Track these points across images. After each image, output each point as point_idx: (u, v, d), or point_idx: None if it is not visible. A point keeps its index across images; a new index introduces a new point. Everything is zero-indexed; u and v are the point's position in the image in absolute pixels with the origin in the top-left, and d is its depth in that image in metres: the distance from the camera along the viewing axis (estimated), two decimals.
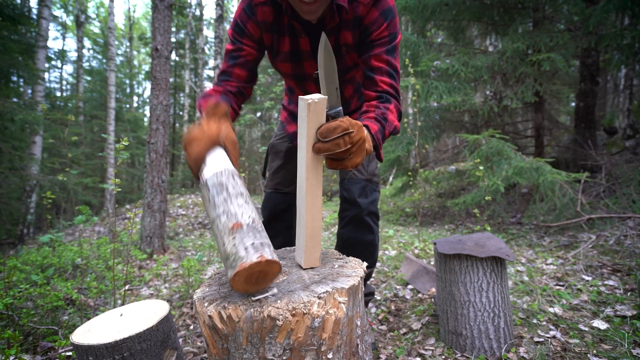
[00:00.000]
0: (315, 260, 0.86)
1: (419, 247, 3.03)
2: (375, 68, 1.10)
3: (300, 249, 0.86)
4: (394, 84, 1.11)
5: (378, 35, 1.09)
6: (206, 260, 3.19)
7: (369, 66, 1.12)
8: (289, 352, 0.66)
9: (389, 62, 1.10)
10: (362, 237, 1.36)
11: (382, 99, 1.09)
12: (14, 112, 4.57)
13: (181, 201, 7.21)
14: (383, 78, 1.10)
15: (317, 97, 0.78)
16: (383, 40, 1.09)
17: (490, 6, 4.54)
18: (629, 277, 2.05)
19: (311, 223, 0.83)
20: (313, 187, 0.83)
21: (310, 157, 0.81)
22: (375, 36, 1.09)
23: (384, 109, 1.06)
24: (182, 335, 1.79)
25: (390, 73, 1.10)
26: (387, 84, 1.10)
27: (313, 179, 0.82)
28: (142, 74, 21.22)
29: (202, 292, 0.77)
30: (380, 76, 1.10)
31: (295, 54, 1.18)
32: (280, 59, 1.21)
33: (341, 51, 1.17)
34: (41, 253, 2.77)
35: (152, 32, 3.74)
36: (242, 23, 1.14)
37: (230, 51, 1.17)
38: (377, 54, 1.10)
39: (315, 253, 0.86)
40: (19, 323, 1.63)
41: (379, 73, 1.10)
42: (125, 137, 1.71)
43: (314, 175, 0.82)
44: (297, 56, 1.19)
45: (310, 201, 0.83)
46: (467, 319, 1.43)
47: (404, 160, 5.57)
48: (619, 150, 5.24)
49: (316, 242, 0.85)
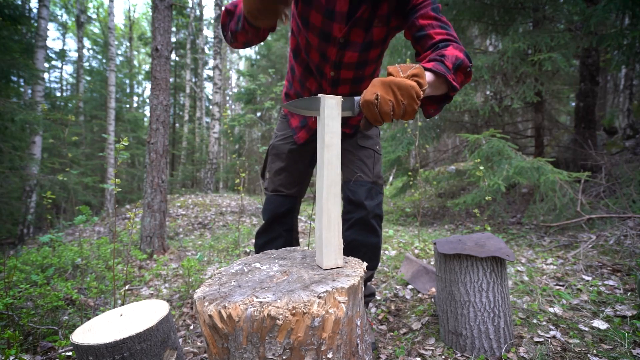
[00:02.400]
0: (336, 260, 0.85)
1: (419, 247, 3.03)
2: (425, 25, 1.06)
3: (320, 250, 0.85)
4: (450, 32, 1.05)
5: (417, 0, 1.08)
6: (206, 260, 3.19)
7: (418, 27, 1.08)
8: (289, 351, 0.66)
9: (437, 18, 1.07)
10: (367, 240, 1.34)
11: (437, 47, 1.02)
12: (14, 112, 4.57)
13: (181, 201, 7.21)
14: (436, 30, 1.05)
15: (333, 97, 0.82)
16: (426, 2, 1.08)
17: (490, 6, 4.54)
18: (629, 277, 2.05)
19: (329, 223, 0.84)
20: (333, 186, 0.84)
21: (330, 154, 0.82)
22: (416, 1, 1.08)
23: (440, 50, 1.00)
24: (182, 335, 1.79)
25: (442, 26, 1.06)
26: (442, 34, 1.04)
27: (334, 178, 0.83)
28: (142, 74, 21.22)
29: (203, 291, 0.77)
30: (433, 29, 1.05)
31: (329, 12, 1.13)
32: (316, 8, 1.14)
33: (373, 23, 1.14)
34: (41, 253, 2.77)
35: (152, 32, 3.74)
36: None
37: None
38: (423, 14, 1.07)
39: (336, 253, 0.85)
40: (19, 323, 1.63)
41: (430, 28, 1.06)
42: (125, 137, 1.71)
43: (335, 175, 0.83)
44: (329, 15, 1.14)
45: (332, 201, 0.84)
46: (467, 319, 1.43)
47: (404, 160, 5.58)
48: (619, 150, 5.24)
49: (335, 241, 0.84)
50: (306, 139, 1.42)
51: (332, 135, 0.82)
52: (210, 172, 10.12)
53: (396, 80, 0.82)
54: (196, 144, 15.67)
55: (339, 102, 0.83)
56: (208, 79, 18.75)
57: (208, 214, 6.29)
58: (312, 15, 1.15)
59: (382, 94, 0.81)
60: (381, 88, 0.82)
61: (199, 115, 16.02)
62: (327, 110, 0.81)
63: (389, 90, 0.82)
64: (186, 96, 16.08)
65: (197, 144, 15.64)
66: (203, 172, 12.72)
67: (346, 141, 1.43)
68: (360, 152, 1.40)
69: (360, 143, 1.41)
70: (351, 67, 1.24)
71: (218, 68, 10.25)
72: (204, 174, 11.76)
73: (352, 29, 1.15)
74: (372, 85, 0.83)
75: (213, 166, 10.15)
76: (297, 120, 1.43)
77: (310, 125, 1.40)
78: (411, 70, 0.85)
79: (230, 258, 3.24)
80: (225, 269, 0.92)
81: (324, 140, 0.82)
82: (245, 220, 5.59)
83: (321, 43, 1.20)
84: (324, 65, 1.24)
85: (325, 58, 1.22)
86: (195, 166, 14.98)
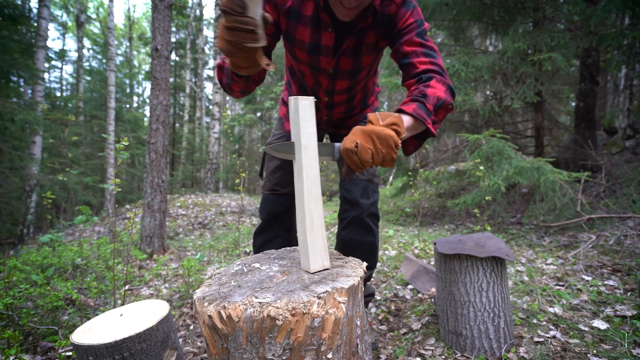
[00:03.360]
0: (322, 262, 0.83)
1: (419, 247, 3.03)
2: (409, 52, 1.07)
3: (305, 254, 0.83)
4: (434, 60, 1.06)
5: (404, 23, 1.07)
6: (206, 260, 3.19)
7: (402, 54, 1.08)
8: (288, 352, 0.66)
9: (422, 44, 1.07)
10: (363, 239, 1.35)
11: (421, 80, 1.03)
12: (14, 112, 4.57)
13: (181, 201, 7.21)
14: (420, 59, 1.05)
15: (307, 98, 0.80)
16: (411, 27, 1.08)
17: (490, 6, 4.54)
18: (629, 277, 2.05)
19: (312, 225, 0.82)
20: (314, 188, 0.82)
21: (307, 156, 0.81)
22: (401, 25, 1.08)
23: (422, 87, 1.00)
24: (182, 335, 1.79)
25: (427, 53, 1.06)
26: (426, 63, 1.05)
27: (313, 179, 0.82)
28: (142, 74, 21.22)
29: (202, 292, 0.77)
30: (417, 58, 1.06)
31: (315, 46, 1.14)
32: (300, 47, 1.16)
33: (361, 51, 1.15)
34: (41, 253, 2.77)
35: (152, 32, 3.74)
36: None
37: None
38: (407, 40, 1.07)
39: (321, 255, 0.83)
40: (19, 323, 1.63)
41: (414, 56, 1.06)
42: (125, 137, 1.71)
43: (314, 175, 0.82)
44: (316, 49, 1.15)
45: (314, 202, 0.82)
46: (467, 319, 1.43)
47: (404, 160, 5.58)
48: (619, 150, 5.24)
49: (320, 243, 0.83)
50: None
51: (308, 136, 0.81)
52: (210, 172, 10.12)
53: (376, 130, 0.84)
54: (196, 144, 15.68)
55: (312, 102, 0.82)
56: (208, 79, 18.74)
57: (208, 214, 6.30)
58: (298, 52, 1.18)
59: (362, 143, 0.83)
60: (361, 137, 0.84)
61: (199, 115, 16.03)
62: (301, 112, 0.80)
63: (368, 139, 0.84)
64: (186, 96, 16.09)
65: (197, 144, 15.65)
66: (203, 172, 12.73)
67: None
68: None
69: None
70: (343, 92, 1.28)
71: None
72: (204, 174, 11.76)
73: (341, 58, 1.17)
74: (352, 134, 0.86)
75: (213, 166, 10.15)
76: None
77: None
78: (390, 119, 0.87)
79: (230, 258, 3.24)
80: (225, 269, 0.92)
81: (301, 143, 0.80)
82: (245, 220, 5.59)
83: (313, 73, 1.23)
84: (318, 89, 1.28)
85: (319, 84, 1.26)
86: (195, 166, 14.99)
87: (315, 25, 1.11)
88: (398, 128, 0.87)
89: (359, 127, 0.86)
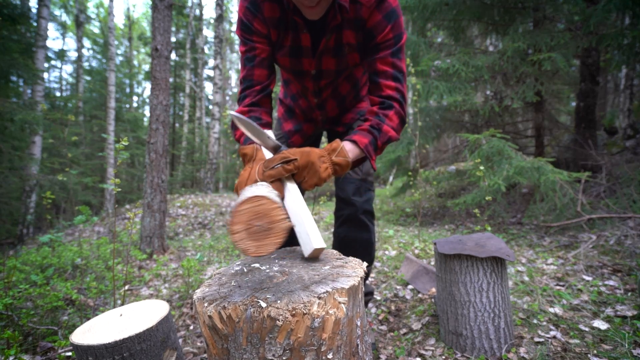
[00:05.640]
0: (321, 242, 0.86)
1: (419, 247, 3.03)
2: (380, 72, 1.09)
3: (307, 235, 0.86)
4: (399, 87, 1.10)
5: (383, 38, 1.07)
6: (206, 260, 3.19)
7: (374, 70, 1.11)
8: (289, 352, 0.66)
9: (395, 65, 1.09)
10: (358, 236, 1.36)
11: (383, 105, 1.09)
12: (14, 112, 4.57)
13: (181, 201, 7.20)
14: (388, 82, 1.09)
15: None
16: (388, 43, 1.08)
17: (490, 6, 4.54)
18: (630, 277, 2.05)
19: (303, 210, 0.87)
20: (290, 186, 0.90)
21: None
22: (380, 39, 1.08)
23: (382, 116, 1.07)
24: (182, 335, 1.79)
25: (396, 76, 1.09)
26: (392, 88, 1.09)
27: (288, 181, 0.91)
28: (142, 74, 21.22)
29: (202, 292, 0.77)
30: (385, 80, 1.09)
31: (296, 49, 1.17)
32: (282, 53, 1.19)
33: (343, 50, 1.16)
34: (41, 253, 2.76)
35: (152, 32, 3.74)
36: (248, 21, 1.13)
37: (244, 52, 1.17)
38: (382, 57, 1.09)
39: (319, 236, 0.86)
40: (18, 323, 1.63)
41: (383, 77, 1.09)
42: (125, 137, 1.71)
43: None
44: (297, 51, 1.18)
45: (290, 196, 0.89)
46: (468, 319, 1.42)
47: (404, 160, 5.58)
48: (619, 150, 5.24)
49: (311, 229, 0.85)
50: (301, 144, 1.46)
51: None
52: (210, 172, 10.12)
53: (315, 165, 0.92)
54: (196, 144, 15.67)
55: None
56: (208, 79, 18.74)
57: (208, 214, 6.29)
58: (281, 60, 1.21)
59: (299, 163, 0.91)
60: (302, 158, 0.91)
61: (199, 115, 16.02)
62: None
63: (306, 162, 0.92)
64: (186, 96, 16.07)
65: (197, 144, 15.64)
66: (203, 172, 12.72)
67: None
68: None
69: None
70: (328, 86, 1.30)
71: (218, 68, 10.25)
72: (204, 174, 11.76)
73: (322, 58, 1.18)
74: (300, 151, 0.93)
75: (213, 166, 10.15)
76: (290, 124, 1.47)
77: (305, 130, 1.46)
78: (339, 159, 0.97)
79: (230, 258, 3.24)
80: (225, 269, 0.91)
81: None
82: None
83: (297, 78, 1.28)
84: (307, 93, 1.32)
85: (305, 88, 1.30)
86: (195, 166, 14.98)
87: (294, 28, 1.13)
88: (339, 170, 0.97)
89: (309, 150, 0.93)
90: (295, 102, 1.43)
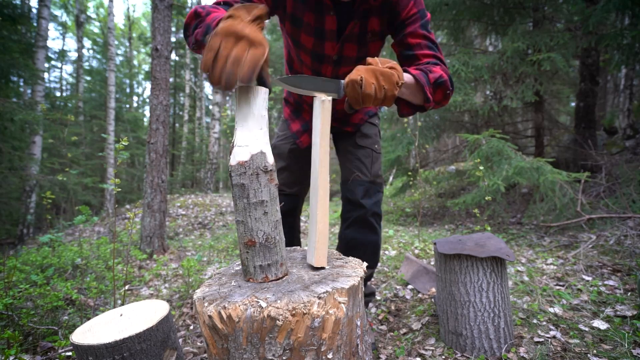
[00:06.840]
0: (325, 258, 0.86)
1: (419, 247, 3.03)
2: (413, 45, 1.08)
3: (312, 248, 0.85)
4: (437, 54, 1.08)
5: (407, 13, 1.07)
6: (206, 260, 3.19)
7: (406, 45, 1.09)
8: (289, 352, 0.66)
9: (426, 36, 1.08)
10: (366, 238, 1.35)
11: (427, 63, 1.05)
12: (14, 112, 4.56)
13: (181, 201, 7.20)
14: (424, 51, 1.07)
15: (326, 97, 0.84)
16: (414, 17, 1.08)
17: (490, 6, 4.54)
18: (629, 277, 2.05)
19: (323, 221, 0.85)
20: (325, 185, 0.86)
21: (324, 154, 0.84)
22: (405, 15, 1.08)
23: (426, 66, 1.02)
24: (182, 335, 1.79)
25: (430, 46, 1.08)
26: (430, 56, 1.07)
27: (325, 177, 0.86)
28: (142, 74, 21.20)
29: (202, 292, 0.77)
30: (421, 50, 1.07)
31: (320, 31, 1.14)
32: (306, 31, 1.15)
33: (366, 38, 1.15)
34: (41, 253, 2.76)
35: (152, 32, 3.74)
36: None
37: None
38: (412, 32, 1.08)
39: (325, 251, 0.86)
40: (18, 323, 1.63)
41: (418, 48, 1.07)
42: (125, 137, 1.71)
43: (326, 174, 0.86)
44: (320, 34, 1.14)
45: (323, 199, 0.85)
46: (467, 319, 1.43)
47: (404, 160, 5.57)
48: (619, 150, 5.24)
49: (325, 240, 0.85)
50: (309, 144, 1.43)
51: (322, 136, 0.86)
52: (210, 172, 10.12)
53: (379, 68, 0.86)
54: (196, 144, 15.66)
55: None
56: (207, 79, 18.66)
57: (208, 214, 6.29)
58: (303, 37, 1.17)
59: (367, 77, 0.84)
60: (365, 72, 0.85)
61: (199, 115, 16.01)
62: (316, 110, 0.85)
63: (372, 75, 0.85)
64: (186, 96, 16.06)
65: (197, 144, 15.63)
66: (203, 172, 12.72)
67: (345, 140, 1.43)
68: (358, 152, 1.41)
69: (359, 142, 1.42)
70: None
71: None
72: (204, 174, 11.76)
73: (345, 44, 1.16)
74: (356, 70, 0.86)
75: (213, 166, 10.14)
76: (298, 124, 1.44)
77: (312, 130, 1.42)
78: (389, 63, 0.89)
79: (230, 258, 3.24)
80: (225, 269, 0.92)
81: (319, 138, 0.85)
82: None
83: (314, 62, 1.22)
84: None
85: (318, 74, 1.24)
86: (195, 166, 14.97)
87: (318, 10, 1.10)
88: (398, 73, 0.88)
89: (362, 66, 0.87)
90: (302, 97, 1.39)
